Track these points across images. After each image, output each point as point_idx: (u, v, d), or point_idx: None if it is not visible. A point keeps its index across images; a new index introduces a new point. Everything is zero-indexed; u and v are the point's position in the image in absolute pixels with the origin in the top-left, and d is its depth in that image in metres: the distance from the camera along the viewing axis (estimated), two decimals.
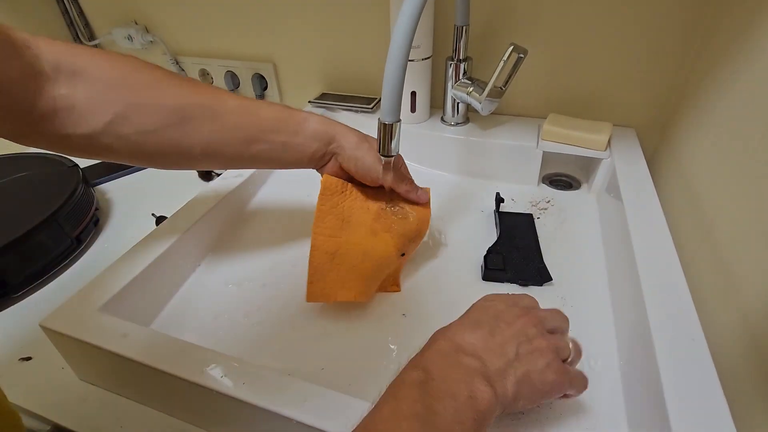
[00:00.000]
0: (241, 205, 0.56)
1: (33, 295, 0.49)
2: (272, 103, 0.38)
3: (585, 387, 0.30)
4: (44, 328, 0.35)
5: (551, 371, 0.27)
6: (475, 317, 0.31)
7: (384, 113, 0.36)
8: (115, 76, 0.31)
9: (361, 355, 0.38)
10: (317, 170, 0.43)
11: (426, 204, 0.44)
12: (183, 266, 0.46)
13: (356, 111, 0.68)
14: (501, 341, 0.28)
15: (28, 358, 0.41)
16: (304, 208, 0.56)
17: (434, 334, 0.30)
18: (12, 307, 0.48)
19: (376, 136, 0.39)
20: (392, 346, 0.39)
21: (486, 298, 0.33)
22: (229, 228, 0.53)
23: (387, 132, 0.37)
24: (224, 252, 0.50)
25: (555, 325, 0.31)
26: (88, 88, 0.30)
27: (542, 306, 0.34)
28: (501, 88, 0.55)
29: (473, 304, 0.33)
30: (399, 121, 0.37)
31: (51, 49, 0.29)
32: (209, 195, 0.51)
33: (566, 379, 0.28)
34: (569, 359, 0.30)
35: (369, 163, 0.40)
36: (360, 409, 0.27)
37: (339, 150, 0.40)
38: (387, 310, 0.42)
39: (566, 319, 0.32)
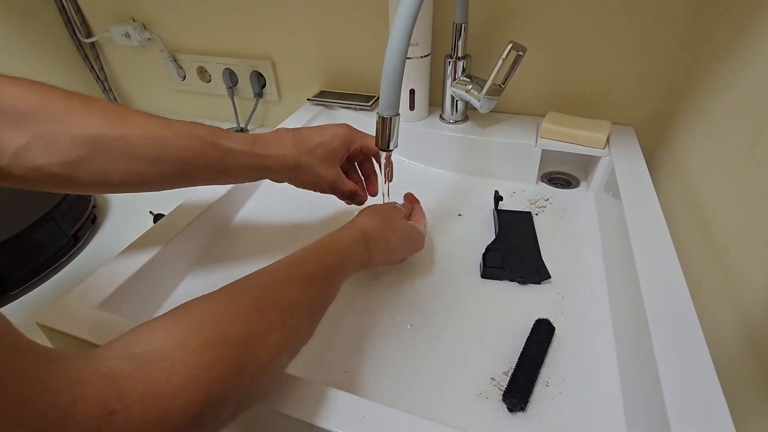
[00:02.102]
0: (239, 205, 0.56)
1: (30, 292, 0.49)
2: (192, 127, 0.36)
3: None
4: (41, 326, 0.35)
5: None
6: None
7: (382, 107, 0.36)
8: (25, 107, 0.30)
9: (359, 351, 0.38)
10: None
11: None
12: (180, 264, 0.46)
13: (355, 109, 0.68)
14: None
15: None
16: (310, 200, 0.56)
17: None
18: (9, 304, 0.47)
19: (374, 132, 0.39)
20: (389, 342, 0.39)
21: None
22: (229, 225, 0.53)
23: (385, 126, 0.37)
24: (223, 250, 0.50)
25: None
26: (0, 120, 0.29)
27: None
28: (500, 85, 0.55)
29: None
30: (397, 114, 0.37)
31: None
32: (205, 194, 0.50)
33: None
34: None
35: (310, 180, 0.41)
36: (349, 403, 0.27)
37: (276, 178, 0.41)
38: (386, 308, 0.42)
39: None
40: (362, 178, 0.48)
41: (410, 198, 0.49)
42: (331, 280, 0.32)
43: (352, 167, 0.47)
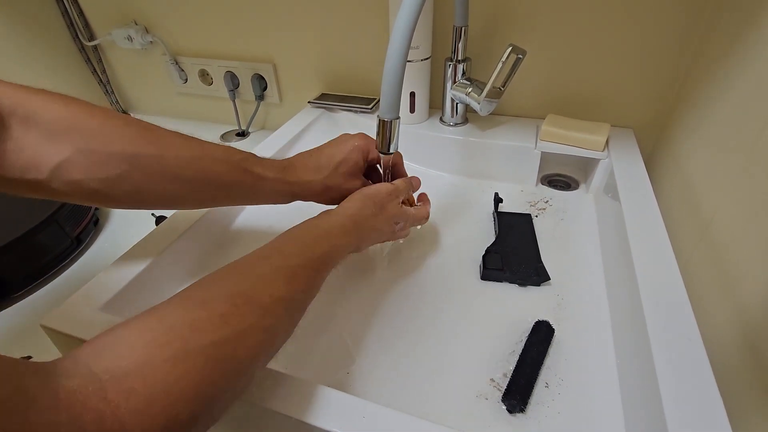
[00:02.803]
0: (241, 207, 0.56)
1: (33, 294, 0.50)
2: (227, 152, 0.37)
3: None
4: (45, 328, 0.35)
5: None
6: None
7: (383, 110, 0.36)
8: (66, 122, 0.30)
9: (359, 352, 0.38)
10: None
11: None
12: (183, 266, 0.46)
13: (355, 111, 0.68)
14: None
15: (29, 357, 0.41)
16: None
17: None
18: (12, 306, 0.48)
19: (375, 135, 0.39)
20: (389, 343, 0.39)
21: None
22: (231, 227, 0.53)
23: (386, 129, 0.37)
24: (225, 252, 0.50)
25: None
26: (39, 133, 0.29)
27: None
28: (500, 88, 0.55)
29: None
30: (398, 118, 0.37)
31: (8, 93, 0.29)
32: None
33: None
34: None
35: (340, 197, 0.41)
36: (345, 402, 0.28)
37: (305, 200, 0.42)
38: (386, 310, 0.42)
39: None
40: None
41: (424, 199, 0.48)
42: (318, 273, 0.32)
43: (373, 170, 0.47)
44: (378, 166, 0.46)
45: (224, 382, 0.23)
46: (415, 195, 0.48)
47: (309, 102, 0.71)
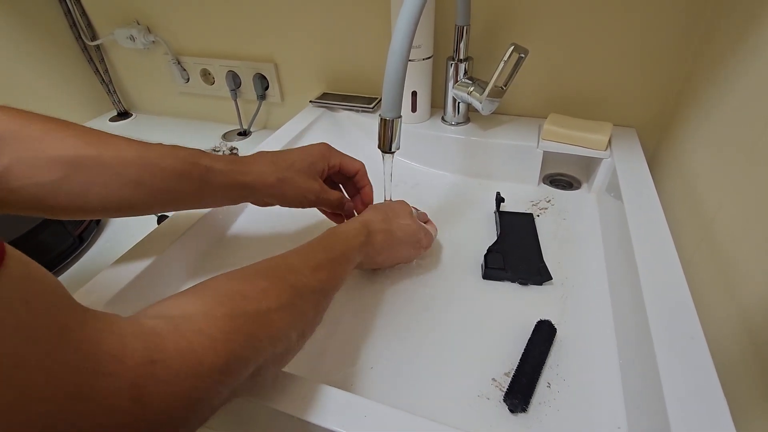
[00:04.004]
0: (242, 207, 0.56)
1: None
2: (173, 149, 0.36)
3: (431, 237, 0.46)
4: None
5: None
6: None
7: (385, 109, 0.36)
8: (4, 130, 0.30)
9: (361, 352, 0.38)
10: None
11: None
12: (185, 264, 0.46)
13: (357, 111, 0.68)
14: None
15: None
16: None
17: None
18: None
19: (377, 134, 0.39)
20: (390, 343, 0.39)
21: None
22: (232, 226, 0.53)
23: (387, 128, 0.37)
24: (226, 250, 0.50)
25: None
26: None
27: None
28: (502, 87, 0.55)
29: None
30: (399, 117, 0.37)
31: None
32: None
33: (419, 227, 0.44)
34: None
35: (294, 195, 0.41)
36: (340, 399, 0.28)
37: (259, 199, 0.41)
38: (388, 309, 0.42)
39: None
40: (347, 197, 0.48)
41: (423, 218, 0.49)
42: (339, 267, 0.34)
43: (335, 188, 0.46)
44: (359, 182, 0.46)
45: (266, 340, 0.26)
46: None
47: (311, 101, 0.71)
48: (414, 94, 0.61)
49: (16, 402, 0.15)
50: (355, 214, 0.47)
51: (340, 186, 0.48)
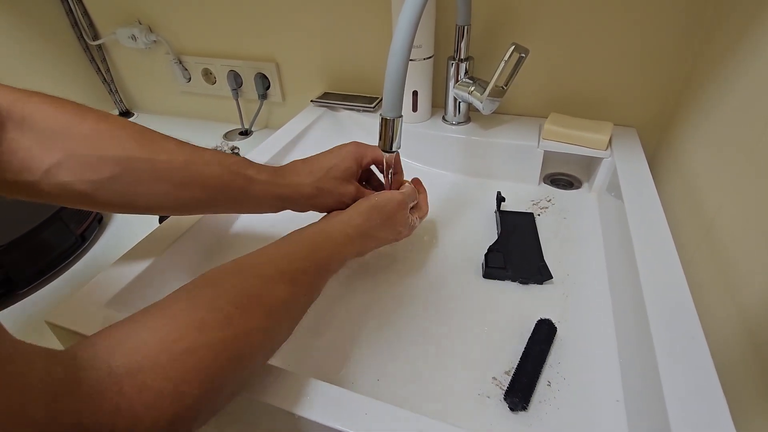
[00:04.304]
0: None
1: (38, 291, 0.50)
2: (221, 157, 0.37)
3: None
4: (50, 324, 0.35)
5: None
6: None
7: (386, 109, 0.37)
8: (59, 125, 0.31)
9: (362, 350, 0.39)
10: None
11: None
12: (187, 262, 0.46)
13: (358, 110, 0.68)
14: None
15: None
16: None
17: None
18: (18, 302, 0.48)
19: (378, 134, 0.39)
20: (391, 341, 0.39)
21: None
22: (234, 224, 0.53)
23: (388, 127, 0.37)
24: (228, 248, 0.50)
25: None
26: (33, 136, 0.30)
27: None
28: (502, 87, 0.55)
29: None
30: (400, 116, 0.37)
31: (5, 95, 0.29)
32: None
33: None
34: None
35: (332, 202, 0.41)
36: (340, 397, 0.28)
37: (298, 209, 0.41)
38: (389, 308, 0.42)
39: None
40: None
41: (417, 183, 0.47)
42: (320, 277, 0.33)
43: (370, 175, 0.47)
44: (374, 168, 0.46)
45: (228, 377, 0.24)
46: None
47: (312, 101, 0.71)
48: (415, 93, 0.62)
49: None
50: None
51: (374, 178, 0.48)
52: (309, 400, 0.28)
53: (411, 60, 0.46)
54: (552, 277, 0.44)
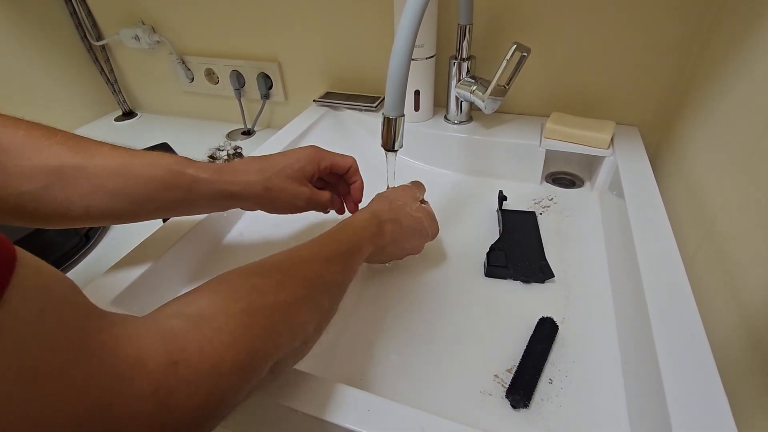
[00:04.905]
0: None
1: None
2: (158, 157, 0.35)
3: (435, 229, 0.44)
4: None
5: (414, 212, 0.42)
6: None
7: (388, 108, 0.37)
8: None
9: (365, 348, 0.39)
10: None
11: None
12: (191, 261, 0.47)
13: (360, 110, 0.68)
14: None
15: None
16: None
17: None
18: None
19: (380, 133, 0.40)
20: (393, 340, 0.39)
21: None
22: (237, 223, 0.54)
23: (391, 126, 0.38)
24: (232, 247, 0.50)
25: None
26: None
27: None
28: (504, 86, 0.56)
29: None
30: (402, 115, 0.37)
31: None
32: None
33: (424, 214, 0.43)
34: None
35: (283, 202, 0.40)
36: (355, 397, 0.28)
37: (247, 207, 0.40)
38: (392, 307, 0.43)
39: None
40: (341, 198, 0.47)
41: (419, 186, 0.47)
42: (351, 259, 0.34)
43: (327, 187, 0.46)
44: (350, 180, 0.45)
45: (284, 334, 0.26)
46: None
47: (314, 100, 0.71)
48: (417, 93, 0.62)
49: (41, 415, 0.15)
50: (346, 210, 0.48)
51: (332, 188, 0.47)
52: (313, 396, 0.29)
53: (413, 59, 0.46)
54: (554, 276, 0.44)
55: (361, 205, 0.46)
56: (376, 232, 0.38)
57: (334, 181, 0.46)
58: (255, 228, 0.54)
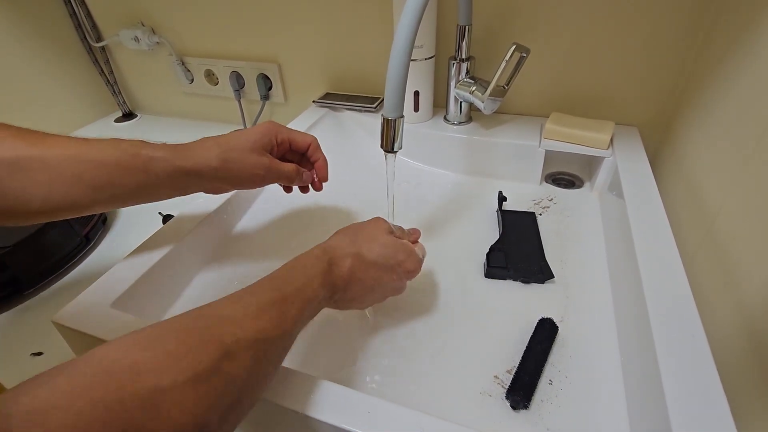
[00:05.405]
0: (246, 207, 0.56)
1: (44, 291, 0.50)
2: (114, 142, 0.35)
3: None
4: (56, 324, 0.36)
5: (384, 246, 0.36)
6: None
7: (387, 109, 0.37)
8: None
9: (364, 350, 0.39)
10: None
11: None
12: (191, 263, 0.47)
13: (360, 110, 0.68)
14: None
15: (40, 353, 0.42)
16: (316, 200, 0.57)
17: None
18: (24, 303, 0.49)
19: (379, 134, 0.39)
20: (393, 341, 0.39)
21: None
22: (236, 226, 0.54)
23: (390, 127, 0.38)
24: (231, 250, 0.50)
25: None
26: None
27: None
28: (504, 87, 0.56)
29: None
30: (402, 116, 0.37)
31: None
32: (212, 198, 0.51)
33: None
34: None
35: (243, 173, 0.39)
36: (354, 398, 0.28)
37: (208, 187, 0.39)
38: (391, 307, 0.43)
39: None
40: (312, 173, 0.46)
41: (416, 233, 0.44)
42: (292, 306, 0.28)
43: (288, 154, 0.45)
44: (313, 155, 0.45)
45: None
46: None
47: (314, 101, 0.71)
48: (416, 93, 0.62)
49: None
50: (315, 180, 0.46)
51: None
52: (313, 398, 0.29)
53: (412, 60, 0.46)
54: (553, 276, 0.44)
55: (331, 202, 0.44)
56: (327, 270, 0.32)
57: (296, 160, 0.45)
58: (258, 226, 0.54)
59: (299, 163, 0.45)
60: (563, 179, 0.60)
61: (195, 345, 0.22)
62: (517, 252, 0.47)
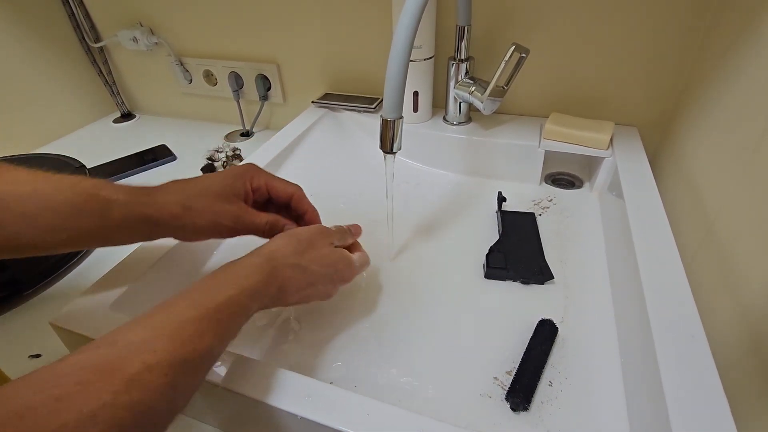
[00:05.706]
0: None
1: (43, 292, 0.50)
2: (74, 180, 0.32)
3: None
4: (54, 326, 0.36)
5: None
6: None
7: (386, 110, 0.37)
8: None
9: (364, 351, 0.39)
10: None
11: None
12: (190, 264, 0.46)
13: (359, 111, 0.68)
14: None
15: (38, 356, 0.42)
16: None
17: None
18: (23, 304, 0.49)
19: (378, 135, 0.39)
20: (393, 342, 0.39)
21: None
22: None
23: (389, 128, 0.38)
24: (231, 250, 0.50)
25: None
26: None
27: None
28: (503, 87, 0.55)
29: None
30: (401, 117, 0.37)
31: None
32: None
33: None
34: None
35: (206, 223, 0.35)
36: (355, 403, 0.28)
37: (168, 232, 0.35)
38: (389, 306, 0.43)
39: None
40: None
41: (356, 231, 0.42)
42: (218, 323, 0.26)
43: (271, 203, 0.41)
44: (299, 207, 0.41)
45: None
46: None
47: (313, 102, 0.71)
48: (416, 94, 0.62)
49: None
50: None
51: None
52: (312, 401, 0.29)
53: (411, 60, 0.46)
54: (553, 277, 0.44)
55: None
56: (266, 281, 0.30)
57: (279, 211, 0.40)
58: None
59: (283, 214, 0.40)
60: (563, 179, 0.60)
61: (91, 381, 0.21)
62: (517, 253, 0.47)
